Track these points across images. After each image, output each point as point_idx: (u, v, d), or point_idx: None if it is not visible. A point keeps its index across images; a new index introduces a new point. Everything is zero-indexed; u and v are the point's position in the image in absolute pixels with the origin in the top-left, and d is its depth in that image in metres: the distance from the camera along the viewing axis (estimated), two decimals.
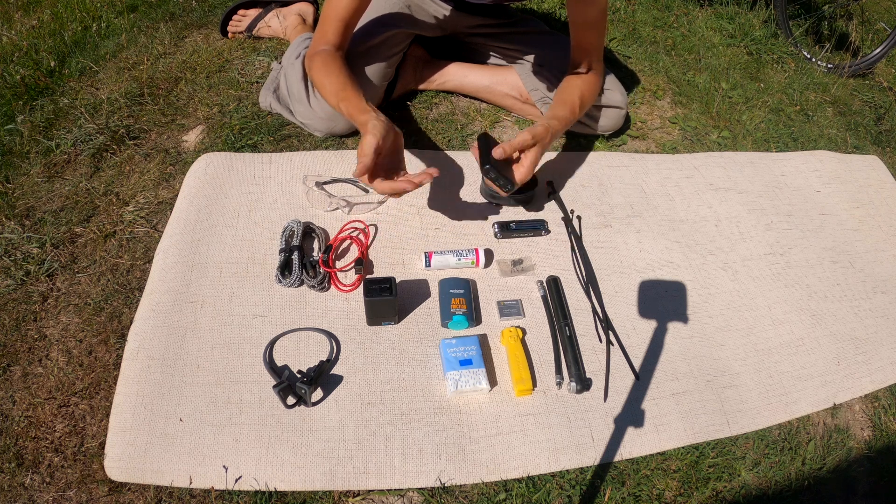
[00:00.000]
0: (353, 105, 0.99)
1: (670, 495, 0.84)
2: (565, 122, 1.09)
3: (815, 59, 1.80)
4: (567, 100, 1.12)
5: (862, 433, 0.97)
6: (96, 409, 0.84)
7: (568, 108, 1.11)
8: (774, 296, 1.10)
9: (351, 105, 0.99)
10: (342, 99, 1.01)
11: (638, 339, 0.99)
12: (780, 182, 1.33)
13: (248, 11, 1.50)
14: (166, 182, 1.14)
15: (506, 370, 0.91)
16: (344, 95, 1.01)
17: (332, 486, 0.78)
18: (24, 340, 0.90)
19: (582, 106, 1.14)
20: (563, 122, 1.08)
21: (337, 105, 1.03)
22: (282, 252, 0.99)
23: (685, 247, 1.14)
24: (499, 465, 0.82)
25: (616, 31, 1.76)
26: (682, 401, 0.92)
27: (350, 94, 1.01)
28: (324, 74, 1.05)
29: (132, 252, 1.02)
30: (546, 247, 1.09)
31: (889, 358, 1.05)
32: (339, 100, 1.01)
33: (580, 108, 1.13)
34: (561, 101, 1.13)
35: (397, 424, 0.84)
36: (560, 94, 1.15)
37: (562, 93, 1.15)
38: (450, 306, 0.94)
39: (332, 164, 1.17)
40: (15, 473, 0.77)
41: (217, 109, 1.29)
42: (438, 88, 1.38)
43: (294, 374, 0.86)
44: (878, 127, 1.60)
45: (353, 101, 1.00)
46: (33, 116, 1.25)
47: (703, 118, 1.48)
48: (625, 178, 1.25)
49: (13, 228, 1.03)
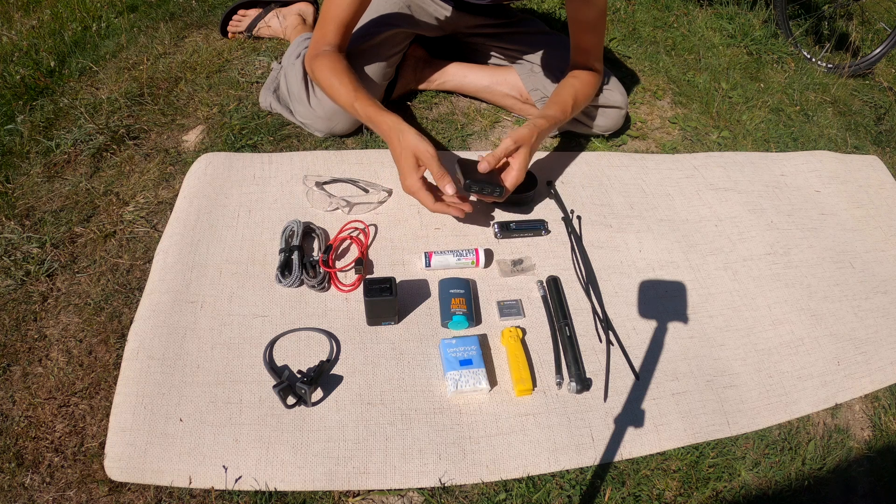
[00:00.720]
0: (370, 106, 1.02)
1: (670, 495, 0.84)
2: (554, 121, 1.10)
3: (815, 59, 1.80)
4: (560, 99, 1.13)
5: (862, 433, 0.97)
6: (96, 409, 0.84)
7: (559, 108, 1.11)
8: (774, 296, 1.10)
9: (367, 106, 1.02)
10: (357, 99, 1.03)
11: (638, 339, 0.99)
12: (780, 182, 1.33)
13: (248, 11, 1.50)
14: (166, 182, 1.14)
15: (506, 370, 0.91)
16: (358, 96, 1.03)
17: (332, 486, 0.78)
18: (24, 340, 0.90)
19: (575, 106, 1.14)
20: (551, 122, 1.09)
21: (351, 105, 1.04)
22: (282, 252, 0.99)
23: (685, 247, 1.14)
24: (499, 465, 0.82)
25: (616, 31, 1.76)
26: (682, 401, 0.92)
27: (364, 95, 1.04)
28: (333, 75, 1.06)
29: (132, 252, 1.02)
30: (546, 247, 1.09)
31: (889, 358, 1.05)
32: (355, 100, 1.03)
33: (573, 107, 1.13)
34: (553, 100, 1.13)
35: (397, 424, 0.84)
36: (554, 93, 1.15)
37: (556, 92, 1.15)
38: (450, 306, 0.94)
39: (332, 164, 1.17)
40: (15, 473, 0.77)
41: (217, 109, 1.29)
42: (438, 88, 1.38)
43: (294, 374, 0.86)
44: (878, 127, 1.60)
45: (368, 101, 1.03)
46: (33, 116, 1.25)
47: (703, 118, 1.48)
48: (625, 178, 1.25)
49: (13, 228, 1.03)
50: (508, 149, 1.01)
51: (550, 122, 1.08)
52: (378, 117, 1.01)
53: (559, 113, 1.11)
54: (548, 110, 1.11)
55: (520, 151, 1.02)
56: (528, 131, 1.03)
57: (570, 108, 1.12)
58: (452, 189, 0.98)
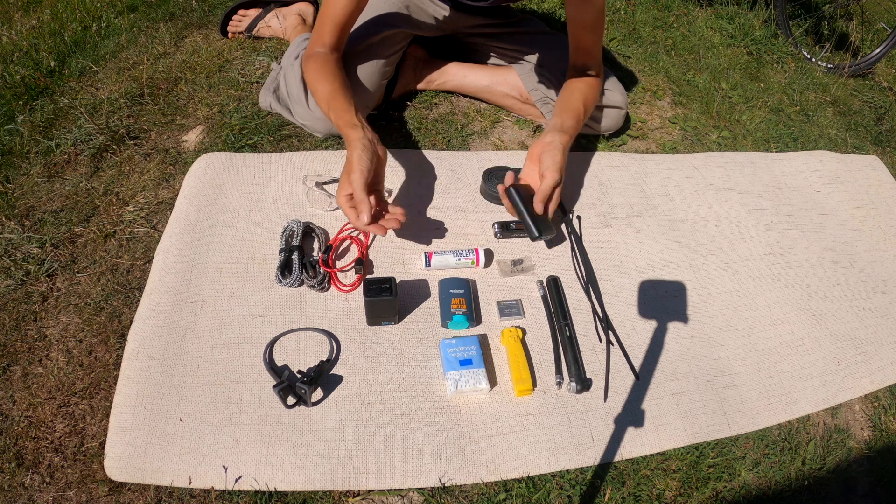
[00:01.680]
0: (342, 116, 0.99)
1: (670, 495, 0.84)
2: (574, 131, 1.10)
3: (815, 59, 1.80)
4: (571, 108, 1.12)
5: (862, 433, 0.97)
6: (96, 409, 0.84)
7: (574, 117, 1.11)
8: (774, 296, 1.10)
9: (339, 116, 1.00)
10: (332, 108, 1.02)
11: (638, 339, 0.99)
12: (780, 182, 1.33)
13: (248, 11, 1.50)
14: (166, 182, 1.14)
15: (506, 370, 0.91)
16: (334, 105, 1.01)
17: (332, 486, 0.78)
18: (24, 340, 0.90)
19: (586, 111, 1.15)
20: (571, 134, 1.09)
21: (327, 112, 1.04)
22: (282, 252, 0.99)
23: (685, 247, 1.14)
24: (499, 465, 0.82)
25: (616, 31, 1.76)
26: (682, 401, 0.92)
27: (339, 104, 1.01)
28: (316, 79, 1.06)
29: (132, 252, 1.02)
30: (546, 247, 1.09)
31: (889, 358, 1.05)
32: (329, 108, 1.02)
33: (585, 113, 1.14)
34: (565, 109, 1.12)
35: (397, 424, 0.84)
36: (563, 102, 1.14)
37: (565, 101, 1.14)
38: (450, 306, 0.94)
39: (332, 164, 1.17)
40: (15, 473, 0.77)
41: (217, 109, 1.29)
42: (438, 88, 1.37)
43: (294, 374, 0.86)
44: (878, 127, 1.60)
45: (342, 111, 1.00)
46: (33, 116, 1.25)
47: (703, 118, 1.48)
48: (625, 178, 1.25)
49: (13, 228, 1.03)
50: (557, 182, 1.01)
51: (571, 133, 1.09)
52: (345, 130, 0.97)
53: (576, 122, 1.11)
54: (566, 122, 1.09)
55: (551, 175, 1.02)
56: (562, 156, 1.03)
57: (582, 114, 1.13)
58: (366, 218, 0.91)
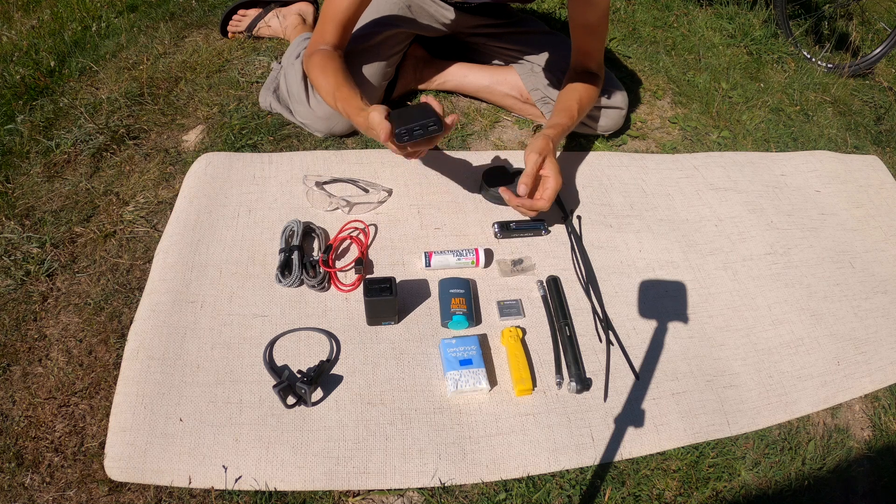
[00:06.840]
0: (350, 103, 0.99)
1: (670, 495, 0.84)
2: (563, 128, 1.10)
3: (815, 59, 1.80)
4: (564, 107, 1.13)
5: (862, 433, 0.97)
6: (96, 409, 0.84)
7: (566, 115, 1.11)
8: (774, 296, 1.10)
9: (348, 104, 0.99)
10: (339, 98, 1.01)
11: (638, 339, 0.99)
12: (780, 182, 1.33)
13: (248, 11, 1.50)
14: (166, 182, 1.14)
15: (506, 370, 0.91)
16: (340, 95, 1.01)
17: (332, 486, 0.78)
18: (24, 340, 0.90)
19: (580, 111, 1.14)
20: (560, 129, 1.09)
21: (334, 104, 1.03)
22: (282, 252, 0.99)
23: (685, 247, 1.14)
24: (499, 464, 0.82)
25: (616, 31, 1.76)
26: (682, 401, 0.92)
27: (346, 94, 1.01)
28: (320, 74, 1.05)
29: (132, 252, 1.02)
30: (546, 247, 1.09)
31: (889, 358, 1.05)
32: (336, 99, 1.02)
33: (578, 112, 1.14)
34: (559, 108, 1.13)
35: (397, 424, 0.84)
36: (559, 101, 1.15)
37: (561, 100, 1.15)
38: (450, 306, 0.94)
39: (332, 164, 1.17)
40: (15, 473, 0.77)
41: (217, 109, 1.29)
42: (438, 88, 1.37)
43: (294, 374, 0.86)
44: (878, 127, 1.60)
45: (350, 100, 1.00)
46: (33, 116, 1.25)
47: (703, 118, 1.48)
48: (625, 178, 1.25)
49: (13, 228, 1.03)
50: (537, 163, 1.01)
51: (559, 130, 1.09)
52: (356, 115, 0.97)
53: (567, 120, 1.11)
54: (555, 119, 1.11)
55: (547, 161, 1.02)
56: (544, 142, 1.03)
57: (575, 113, 1.13)
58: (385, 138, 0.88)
